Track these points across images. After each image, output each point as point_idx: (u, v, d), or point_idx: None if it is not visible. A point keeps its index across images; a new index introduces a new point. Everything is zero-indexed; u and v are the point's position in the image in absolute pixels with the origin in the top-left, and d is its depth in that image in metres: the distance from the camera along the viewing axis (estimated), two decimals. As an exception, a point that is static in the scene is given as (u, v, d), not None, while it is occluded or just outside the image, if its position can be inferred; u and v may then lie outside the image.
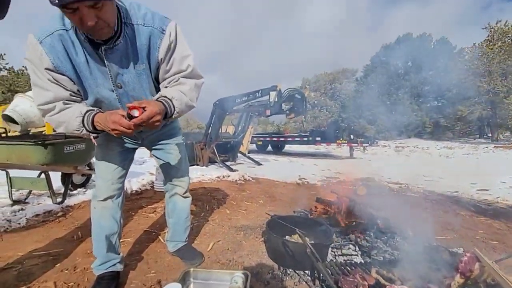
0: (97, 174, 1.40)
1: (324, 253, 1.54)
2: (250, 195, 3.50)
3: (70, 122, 1.06)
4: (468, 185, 4.37)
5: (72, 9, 0.83)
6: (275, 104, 5.15)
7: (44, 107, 1.05)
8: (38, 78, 1.02)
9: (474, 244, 2.02)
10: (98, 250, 1.38)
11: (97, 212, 1.38)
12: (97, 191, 1.38)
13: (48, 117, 1.07)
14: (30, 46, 0.98)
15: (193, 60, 1.20)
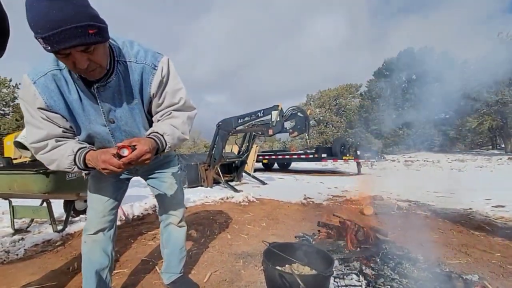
0: (89, 205, 1.38)
1: (324, 285, 1.45)
2: (253, 217, 3.41)
3: (61, 160, 1.07)
4: (483, 201, 4.17)
5: (65, 54, 0.85)
6: (277, 123, 5.15)
7: (36, 145, 1.06)
8: (31, 116, 1.04)
9: (490, 269, 1.88)
10: (87, 286, 1.33)
11: (87, 246, 1.34)
12: (88, 224, 1.36)
13: (39, 155, 1.08)
14: (24, 87, 1.01)
15: (185, 93, 1.21)
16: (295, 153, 11.30)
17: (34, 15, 0.79)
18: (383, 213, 3.50)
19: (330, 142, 16.22)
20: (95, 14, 0.86)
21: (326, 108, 34.39)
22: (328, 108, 34.38)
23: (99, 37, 0.87)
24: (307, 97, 37.04)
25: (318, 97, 35.69)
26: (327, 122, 34.29)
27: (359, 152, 9.87)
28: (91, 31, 0.83)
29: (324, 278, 1.42)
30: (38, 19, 0.78)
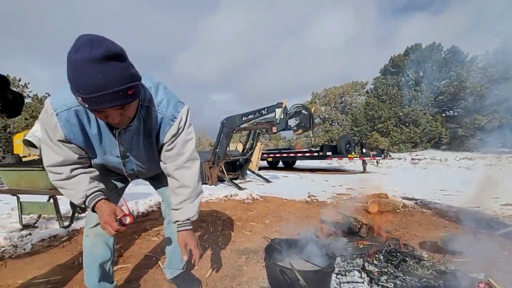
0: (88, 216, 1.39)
1: (326, 281, 1.44)
2: (256, 215, 3.41)
3: (74, 196, 1.13)
4: (491, 200, 4.09)
5: (100, 111, 0.88)
6: (281, 120, 5.14)
7: (52, 169, 1.10)
8: (49, 140, 1.06)
9: (497, 268, 1.84)
10: (89, 280, 1.36)
11: (89, 240, 1.36)
12: (89, 217, 1.37)
13: (53, 181, 1.13)
14: (46, 114, 1.02)
15: (194, 142, 1.27)
16: (300, 151, 11.26)
17: (78, 76, 0.79)
18: (387, 212, 3.47)
19: (335, 140, 16.07)
20: (134, 72, 0.88)
21: (332, 106, 34.12)
22: (333, 106, 34.11)
23: (136, 96, 0.92)
24: (312, 95, 36.80)
25: (324, 95, 35.42)
26: (333, 120, 34.04)
27: (364, 150, 9.79)
28: (130, 92, 0.86)
29: (326, 274, 1.41)
30: (82, 82, 0.79)
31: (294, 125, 5.66)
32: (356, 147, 10.30)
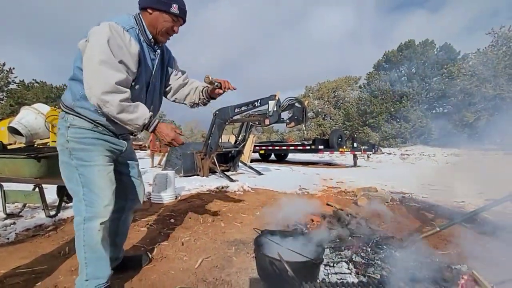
0: (96, 192, 1.29)
1: (315, 272, 1.45)
2: (247, 206, 3.42)
3: (140, 117, 1.24)
4: (476, 195, 4.21)
5: (176, 21, 1.37)
6: (274, 113, 5.10)
7: (116, 88, 1.17)
8: (113, 57, 1.17)
9: (480, 260, 1.91)
10: (102, 272, 1.32)
11: (99, 234, 1.28)
12: (100, 211, 1.28)
13: (117, 101, 1.17)
14: (115, 31, 1.18)
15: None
16: (292, 144, 11.29)
17: None
18: (375, 205, 3.52)
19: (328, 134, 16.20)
20: None
21: (325, 100, 34.24)
22: (326, 100, 34.24)
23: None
24: (306, 89, 36.80)
25: (317, 89, 35.47)
26: (325, 114, 34.23)
27: (355, 144, 9.89)
28: None
29: (314, 265, 1.43)
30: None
31: (287, 118, 5.63)
32: (348, 142, 10.40)
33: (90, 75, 1.16)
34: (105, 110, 1.18)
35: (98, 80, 1.14)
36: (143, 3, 1.33)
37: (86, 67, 1.17)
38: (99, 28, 1.18)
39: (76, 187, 1.30)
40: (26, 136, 6.26)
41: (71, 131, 1.29)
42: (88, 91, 1.17)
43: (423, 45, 24.68)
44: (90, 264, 1.30)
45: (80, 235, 1.28)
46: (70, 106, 1.29)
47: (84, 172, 1.29)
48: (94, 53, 1.15)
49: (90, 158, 1.30)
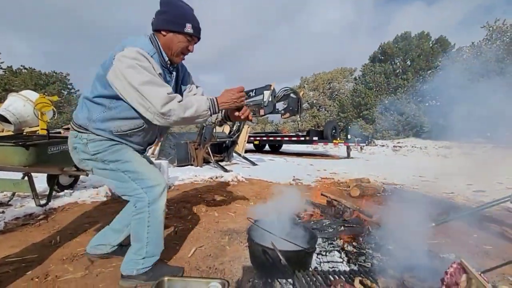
0: (148, 178, 1.38)
1: (307, 261, 1.47)
2: (241, 196, 3.43)
3: (200, 105, 1.31)
4: (465, 186, 4.31)
5: (192, 40, 1.39)
6: (269, 103, 5.02)
7: (170, 95, 1.25)
8: (154, 77, 1.24)
9: (467, 249, 1.96)
10: (159, 248, 1.44)
11: (163, 214, 1.41)
12: (160, 191, 1.37)
13: (176, 103, 1.25)
14: (143, 57, 1.24)
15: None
16: (286, 135, 11.31)
17: (188, 12, 1.37)
18: (368, 195, 3.58)
19: (322, 126, 16.24)
20: None
21: (320, 92, 34.18)
22: (321, 92, 34.18)
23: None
24: (301, 80, 36.61)
25: (312, 80, 35.32)
26: (320, 106, 34.24)
27: (349, 136, 9.96)
28: None
29: (307, 254, 1.44)
30: (192, 15, 1.38)
31: (282, 109, 5.60)
32: (342, 133, 10.46)
33: (140, 100, 1.22)
34: (172, 119, 1.25)
35: (151, 100, 1.20)
36: (156, 26, 1.35)
37: (131, 94, 1.22)
38: (127, 54, 1.21)
39: (129, 184, 1.37)
40: (15, 124, 6.09)
41: (92, 146, 1.34)
42: (147, 114, 1.24)
43: (418, 37, 24.65)
44: (151, 243, 1.38)
45: (145, 217, 1.35)
46: (84, 125, 1.34)
47: (127, 168, 1.37)
48: (134, 79, 1.19)
49: (124, 156, 1.38)
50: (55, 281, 1.42)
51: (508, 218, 2.71)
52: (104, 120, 1.32)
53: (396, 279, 1.22)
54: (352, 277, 1.27)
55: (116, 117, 1.33)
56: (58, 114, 22.40)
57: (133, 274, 1.38)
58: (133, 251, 1.40)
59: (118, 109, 1.32)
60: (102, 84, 1.29)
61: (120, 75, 1.20)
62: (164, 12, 1.35)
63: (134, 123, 1.37)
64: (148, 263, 1.40)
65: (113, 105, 1.31)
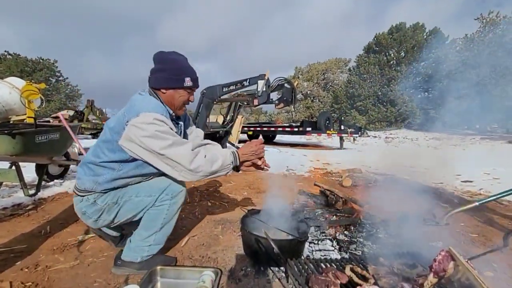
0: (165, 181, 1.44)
1: (300, 249, 1.49)
2: (234, 186, 3.43)
3: (226, 157, 1.35)
4: (453, 176, 4.41)
5: (191, 90, 1.43)
6: (263, 93, 5.02)
7: (195, 151, 1.29)
8: (174, 137, 1.27)
9: (454, 237, 2.02)
10: (166, 238, 1.48)
11: (180, 208, 1.49)
12: (180, 190, 1.45)
13: (203, 158, 1.28)
14: (161, 122, 1.25)
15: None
16: (280, 126, 11.30)
17: (186, 66, 1.40)
18: (360, 185, 3.63)
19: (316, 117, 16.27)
20: None
21: (314, 82, 34.06)
22: (316, 82, 34.07)
23: None
24: (296, 70, 36.35)
25: (307, 70, 35.10)
26: (314, 97, 34.20)
27: (342, 127, 10.01)
28: None
29: (299, 242, 1.46)
30: (189, 69, 1.40)
31: (276, 99, 5.56)
32: (335, 124, 10.51)
33: (166, 161, 1.24)
34: (200, 174, 1.28)
35: (178, 160, 1.23)
36: (155, 84, 1.37)
37: (153, 158, 1.25)
38: (145, 120, 1.21)
39: (151, 197, 1.40)
40: (0, 112, 5.90)
41: (101, 200, 1.35)
42: (173, 173, 1.27)
43: (413, 28, 24.60)
44: (160, 232, 1.42)
45: (164, 208, 1.40)
46: (89, 189, 1.34)
47: (139, 191, 1.40)
48: (156, 146, 1.21)
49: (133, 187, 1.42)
50: (45, 271, 1.40)
51: (494, 207, 2.80)
52: (112, 181, 1.34)
53: (386, 266, 1.24)
54: (343, 264, 1.29)
55: (124, 176, 1.35)
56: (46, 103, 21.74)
57: (137, 261, 1.40)
58: (140, 238, 1.41)
59: (127, 169, 1.34)
60: (111, 149, 1.30)
61: (139, 141, 1.22)
62: (161, 70, 1.35)
63: (142, 177, 1.42)
64: (153, 250, 1.43)
65: (122, 167, 1.33)
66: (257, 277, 1.37)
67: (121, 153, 1.29)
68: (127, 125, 1.23)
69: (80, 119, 9.94)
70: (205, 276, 1.20)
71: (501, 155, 7.78)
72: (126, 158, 1.30)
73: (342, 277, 1.16)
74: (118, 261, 1.44)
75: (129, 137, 1.23)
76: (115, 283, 1.32)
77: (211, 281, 1.18)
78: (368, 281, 1.16)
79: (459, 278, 1.05)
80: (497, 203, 3.18)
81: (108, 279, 1.35)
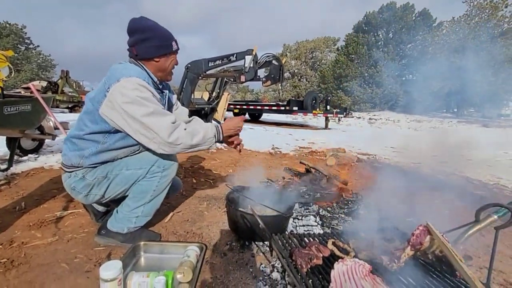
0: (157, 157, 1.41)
1: (284, 225, 1.52)
2: (220, 164, 3.41)
3: (207, 131, 1.30)
4: (431, 157, 4.61)
5: (175, 53, 1.38)
6: (251, 69, 4.86)
7: (174, 124, 1.22)
8: (157, 106, 1.22)
9: (428, 214, 2.13)
10: (154, 210, 1.45)
11: (171, 180, 1.45)
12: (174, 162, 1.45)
13: (183, 131, 1.23)
14: (143, 87, 1.20)
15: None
16: (267, 104, 11.21)
17: (163, 30, 1.34)
18: (344, 164, 3.72)
19: (302, 96, 16.24)
20: None
21: (302, 61, 33.60)
22: (303, 61, 33.62)
23: None
24: (284, 47, 35.52)
25: (295, 48, 34.41)
26: (301, 76, 33.90)
27: (328, 107, 10.08)
28: None
29: (284, 218, 1.48)
30: (167, 32, 1.35)
31: (263, 76, 5.42)
32: (321, 104, 10.55)
33: (143, 131, 1.18)
34: (180, 147, 1.22)
35: (157, 130, 1.17)
36: (147, 55, 1.31)
37: (132, 126, 1.18)
38: (127, 85, 1.17)
39: (141, 170, 1.36)
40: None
41: (90, 175, 1.31)
42: (151, 144, 1.20)
43: (403, 8, 24.37)
44: (149, 204, 1.40)
45: (155, 180, 1.37)
46: (76, 164, 1.30)
47: (129, 164, 1.36)
48: (136, 112, 1.16)
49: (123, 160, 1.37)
50: (21, 247, 1.35)
51: (466, 185, 2.97)
52: (98, 153, 1.29)
53: (366, 241, 1.29)
54: (325, 239, 1.33)
55: (111, 148, 1.31)
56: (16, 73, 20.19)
57: (123, 232, 1.39)
58: (128, 209, 1.39)
59: (112, 141, 1.29)
60: (92, 119, 1.25)
61: (119, 108, 1.16)
62: (148, 39, 1.29)
63: (130, 149, 1.37)
64: (140, 222, 1.42)
65: (107, 140, 1.28)
66: (242, 252, 1.39)
67: (104, 124, 1.24)
68: (108, 91, 1.18)
69: (54, 91, 9.33)
70: (190, 251, 1.20)
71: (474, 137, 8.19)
72: (109, 129, 1.25)
73: (325, 251, 1.19)
74: (102, 231, 1.43)
75: (111, 103, 1.18)
76: (97, 258, 1.29)
77: (196, 255, 1.19)
78: (349, 254, 1.21)
79: (433, 251, 1.11)
80: (469, 182, 3.38)
81: (90, 255, 1.32)
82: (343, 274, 1.01)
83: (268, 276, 1.20)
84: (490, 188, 3.11)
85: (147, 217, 1.44)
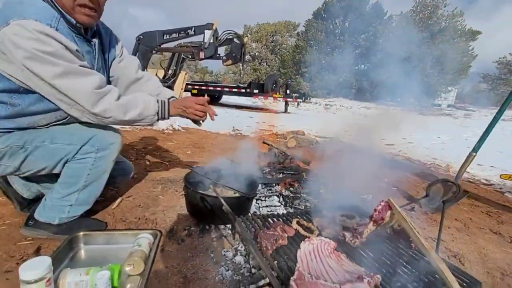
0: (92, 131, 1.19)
1: (247, 206, 1.45)
2: (177, 145, 3.19)
3: (147, 108, 1.13)
4: (379, 140, 4.99)
5: None
6: (210, 45, 4.57)
7: (100, 90, 0.99)
8: (70, 65, 0.93)
9: (379, 191, 2.27)
10: (94, 198, 1.24)
11: (112, 163, 1.22)
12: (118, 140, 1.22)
13: (114, 102, 1.03)
14: (44, 37, 0.87)
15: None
16: (227, 86, 10.90)
17: None
18: (304, 146, 3.79)
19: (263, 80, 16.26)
20: None
21: (263, 44, 33.29)
22: (264, 44, 33.34)
23: None
24: (245, 28, 34.65)
25: (256, 30, 33.82)
26: (262, 59, 33.71)
27: (288, 91, 10.21)
28: None
29: (247, 199, 1.40)
30: None
31: (223, 54, 5.16)
32: (281, 89, 10.63)
33: (58, 95, 0.95)
34: (109, 121, 1.04)
35: (74, 97, 0.94)
36: None
37: (43, 89, 0.94)
38: (20, 33, 0.84)
39: (71, 146, 1.10)
40: None
41: (1, 141, 1.03)
42: (72, 111, 1.00)
43: (359, -1, 25.42)
44: (84, 191, 1.18)
45: (88, 163, 1.13)
46: None
47: (55, 137, 1.09)
48: (42, 73, 0.89)
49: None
50: None
51: (411, 165, 3.27)
52: (11, 118, 1.03)
53: (328, 218, 1.29)
54: (290, 219, 1.29)
55: (26, 112, 1.03)
56: None
57: (54, 223, 1.16)
58: (58, 196, 1.16)
59: (26, 103, 1.01)
60: None
61: (19, 64, 0.88)
62: None
63: (56, 115, 1.08)
64: (75, 212, 1.20)
65: (16, 101, 1.00)
66: (202, 236, 1.29)
67: (6, 81, 0.95)
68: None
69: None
70: (142, 239, 1.06)
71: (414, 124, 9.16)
72: (16, 88, 0.97)
73: (290, 231, 1.16)
74: (30, 221, 1.18)
75: (5, 56, 0.89)
76: (21, 254, 1.06)
77: (149, 244, 1.05)
78: (313, 232, 1.19)
79: (392, 225, 1.15)
80: (411, 162, 3.74)
81: (11, 251, 1.08)
82: (309, 253, 0.98)
83: (231, 261, 1.12)
84: (428, 167, 3.47)
85: (84, 206, 1.22)
